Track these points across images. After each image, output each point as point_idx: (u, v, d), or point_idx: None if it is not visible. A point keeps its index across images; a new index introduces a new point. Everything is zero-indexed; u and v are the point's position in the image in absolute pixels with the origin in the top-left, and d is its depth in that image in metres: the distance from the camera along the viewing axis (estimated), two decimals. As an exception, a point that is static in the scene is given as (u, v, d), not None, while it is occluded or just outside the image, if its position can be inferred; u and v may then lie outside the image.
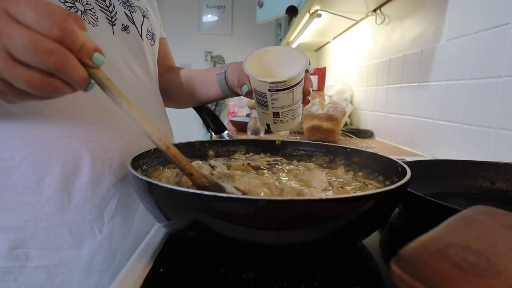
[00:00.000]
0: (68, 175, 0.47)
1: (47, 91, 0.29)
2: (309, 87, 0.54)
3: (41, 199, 0.46)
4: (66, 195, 0.47)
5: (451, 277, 0.19)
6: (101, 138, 0.49)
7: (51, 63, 0.28)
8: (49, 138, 0.46)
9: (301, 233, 0.31)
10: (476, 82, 0.88)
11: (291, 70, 0.52)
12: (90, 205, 0.49)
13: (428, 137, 1.10)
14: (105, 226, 0.51)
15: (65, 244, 0.48)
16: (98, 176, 0.49)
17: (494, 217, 0.25)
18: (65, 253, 0.48)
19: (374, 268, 0.39)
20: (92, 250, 0.50)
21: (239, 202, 0.29)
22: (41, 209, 0.46)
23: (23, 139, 0.45)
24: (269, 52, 0.54)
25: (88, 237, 0.49)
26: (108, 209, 0.51)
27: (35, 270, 0.47)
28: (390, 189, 0.33)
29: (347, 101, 1.80)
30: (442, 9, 1.02)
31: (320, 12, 1.55)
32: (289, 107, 0.53)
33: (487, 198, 0.59)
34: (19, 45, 0.27)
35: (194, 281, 0.34)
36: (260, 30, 3.65)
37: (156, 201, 0.35)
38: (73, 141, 0.47)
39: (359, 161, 0.57)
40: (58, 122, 0.46)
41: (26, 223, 0.46)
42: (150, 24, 0.65)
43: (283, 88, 0.50)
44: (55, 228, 0.47)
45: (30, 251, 0.46)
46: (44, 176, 0.46)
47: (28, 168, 0.45)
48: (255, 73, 0.52)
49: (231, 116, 2.61)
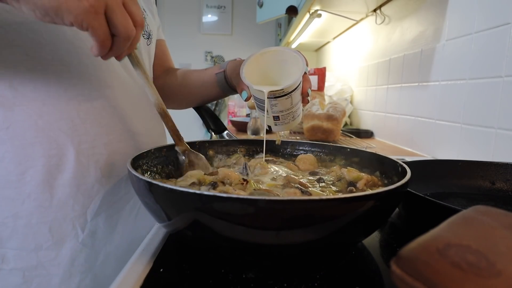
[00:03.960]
0: (51, 170, 0.46)
1: (103, 42, 0.37)
2: (308, 88, 0.54)
3: (21, 194, 0.44)
4: (47, 190, 0.46)
5: (451, 277, 0.19)
6: (87, 132, 0.48)
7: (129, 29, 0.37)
8: (34, 131, 0.45)
9: (301, 233, 0.31)
10: (476, 82, 0.88)
11: (288, 71, 0.52)
12: (73, 202, 0.48)
13: (428, 137, 1.10)
14: (88, 225, 0.49)
15: (44, 244, 0.46)
16: (83, 172, 0.48)
17: (494, 217, 0.25)
18: (43, 254, 0.46)
19: (374, 268, 0.39)
20: (73, 250, 0.48)
21: (239, 202, 0.29)
22: (21, 205, 0.44)
23: (7, 131, 0.44)
24: (266, 54, 0.54)
25: (70, 236, 0.48)
26: (92, 206, 0.49)
27: (10, 273, 0.45)
28: (390, 189, 0.33)
29: (347, 101, 1.80)
30: (442, 9, 1.02)
31: (320, 12, 1.55)
32: (288, 111, 0.54)
33: (487, 198, 0.59)
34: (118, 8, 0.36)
35: (194, 281, 0.34)
36: (260, 30, 3.65)
37: (156, 201, 0.35)
38: (59, 135, 0.46)
39: (359, 161, 0.57)
40: (44, 115, 0.45)
41: (4, 220, 0.44)
42: (146, 24, 0.65)
43: (281, 95, 0.50)
44: (35, 226, 0.45)
45: (7, 252, 0.44)
46: (26, 170, 0.44)
47: (10, 161, 0.44)
48: (253, 78, 0.52)
49: (231, 116, 2.61)
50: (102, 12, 0.35)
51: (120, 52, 0.40)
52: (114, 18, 0.36)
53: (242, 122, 1.60)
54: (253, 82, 0.51)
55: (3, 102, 0.43)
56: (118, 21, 0.36)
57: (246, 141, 0.67)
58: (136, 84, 0.59)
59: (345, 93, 1.81)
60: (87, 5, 0.33)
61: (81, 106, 0.48)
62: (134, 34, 0.39)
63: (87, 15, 0.33)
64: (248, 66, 0.53)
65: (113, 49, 0.39)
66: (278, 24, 3.25)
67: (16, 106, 0.44)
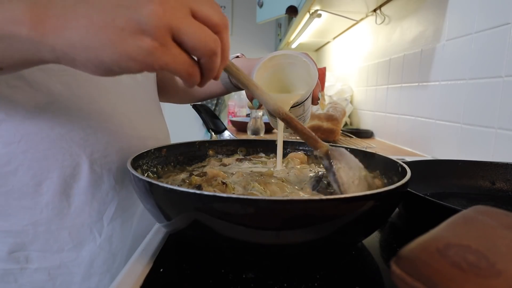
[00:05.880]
0: (66, 180, 0.46)
1: (189, 74, 0.30)
2: (318, 92, 0.54)
3: (39, 204, 0.45)
4: (65, 199, 0.47)
5: (451, 277, 0.19)
6: (99, 141, 0.49)
7: (209, 42, 0.29)
8: (46, 143, 0.45)
9: (301, 233, 0.31)
10: (476, 82, 0.88)
11: (297, 74, 0.53)
12: (89, 209, 0.49)
13: (428, 137, 1.10)
14: (105, 230, 0.50)
15: (65, 246, 0.47)
16: (97, 180, 0.49)
17: (494, 217, 0.25)
18: (65, 255, 0.48)
19: (374, 268, 0.39)
20: (92, 253, 0.49)
21: (239, 202, 0.29)
22: (39, 214, 0.45)
23: (19, 144, 0.44)
24: (274, 59, 0.53)
25: (88, 240, 0.49)
26: (108, 212, 0.51)
27: (36, 272, 0.46)
28: (390, 189, 0.33)
29: (347, 101, 1.80)
30: (442, 9, 1.02)
31: (320, 12, 1.55)
32: (300, 116, 0.55)
33: (487, 198, 0.59)
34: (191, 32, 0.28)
35: (194, 281, 0.34)
36: (260, 30, 3.64)
37: (157, 201, 0.35)
38: (71, 145, 0.46)
39: (359, 161, 0.57)
40: (55, 127, 0.45)
41: (25, 228, 0.45)
42: None
43: (294, 105, 0.50)
44: (55, 232, 0.47)
45: (30, 253, 0.46)
46: (42, 182, 0.45)
47: (25, 174, 0.44)
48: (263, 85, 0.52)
49: (231, 116, 2.61)
50: (170, 40, 0.28)
51: (214, 72, 0.32)
52: (186, 39, 0.28)
53: (242, 122, 1.60)
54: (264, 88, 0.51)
55: (14, 115, 0.43)
56: (192, 42, 0.28)
57: (246, 141, 0.67)
58: (137, 83, 0.59)
59: (345, 93, 1.81)
60: (148, 44, 0.27)
61: (91, 115, 0.49)
62: (219, 43, 0.30)
63: (153, 55, 0.27)
64: (257, 73, 0.52)
65: (205, 74, 0.32)
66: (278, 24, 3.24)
67: (27, 119, 0.44)
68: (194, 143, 0.61)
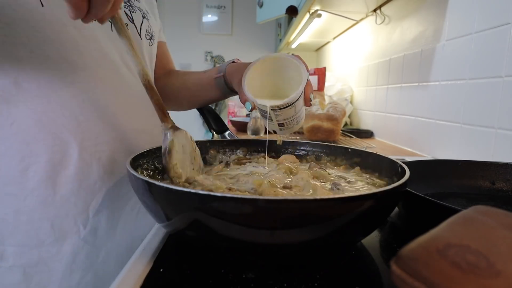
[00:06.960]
0: (54, 165, 0.46)
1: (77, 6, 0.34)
2: (310, 93, 0.54)
3: (24, 190, 0.44)
4: (50, 186, 0.46)
5: (451, 277, 0.19)
6: (91, 129, 0.48)
7: None
8: (38, 127, 0.45)
9: (300, 233, 0.31)
10: (476, 82, 0.88)
11: (289, 77, 0.53)
12: (75, 198, 0.47)
13: (428, 137, 1.10)
14: (90, 221, 0.49)
15: (46, 240, 0.46)
16: (86, 168, 0.48)
17: (494, 217, 0.25)
18: (45, 250, 0.46)
19: (374, 268, 0.39)
20: (74, 246, 0.48)
21: (238, 202, 0.29)
22: (23, 201, 0.44)
23: (11, 127, 0.43)
24: (266, 62, 0.54)
25: (71, 232, 0.48)
26: (94, 203, 0.49)
27: (9, 271, 0.44)
28: (388, 189, 0.33)
29: (347, 101, 1.80)
30: (442, 9, 1.02)
31: (320, 12, 1.55)
32: (292, 117, 0.55)
33: (487, 198, 0.59)
34: None
35: (194, 281, 0.34)
36: (260, 30, 3.64)
37: (156, 201, 0.35)
38: (62, 131, 0.46)
39: (359, 161, 0.57)
40: (48, 112, 0.45)
41: (5, 216, 0.44)
42: (149, 25, 0.65)
43: (285, 107, 0.51)
44: (37, 222, 0.45)
45: (6, 249, 0.44)
46: (29, 165, 0.44)
47: (13, 157, 0.44)
48: (255, 87, 0.53)
49: (231, 116, 2.61)
50: None
51: (100, 14, 0.36)
52: None
53: (242, 122, 1.60)
54: (256, 91, 0.52)
55: (8, 98, 0.43)
56: None
57: (246, 141, 0.67)
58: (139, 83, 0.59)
59: (345, 93, 1.81)
60: None
61: (84, 104, 0.49)
62: None
63: None
64: (249, 76, 0.53)
65: (92, 11, 0.36)
66: (278, 24, 3.24)
67: (21, 102, 0.44)
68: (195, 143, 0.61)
